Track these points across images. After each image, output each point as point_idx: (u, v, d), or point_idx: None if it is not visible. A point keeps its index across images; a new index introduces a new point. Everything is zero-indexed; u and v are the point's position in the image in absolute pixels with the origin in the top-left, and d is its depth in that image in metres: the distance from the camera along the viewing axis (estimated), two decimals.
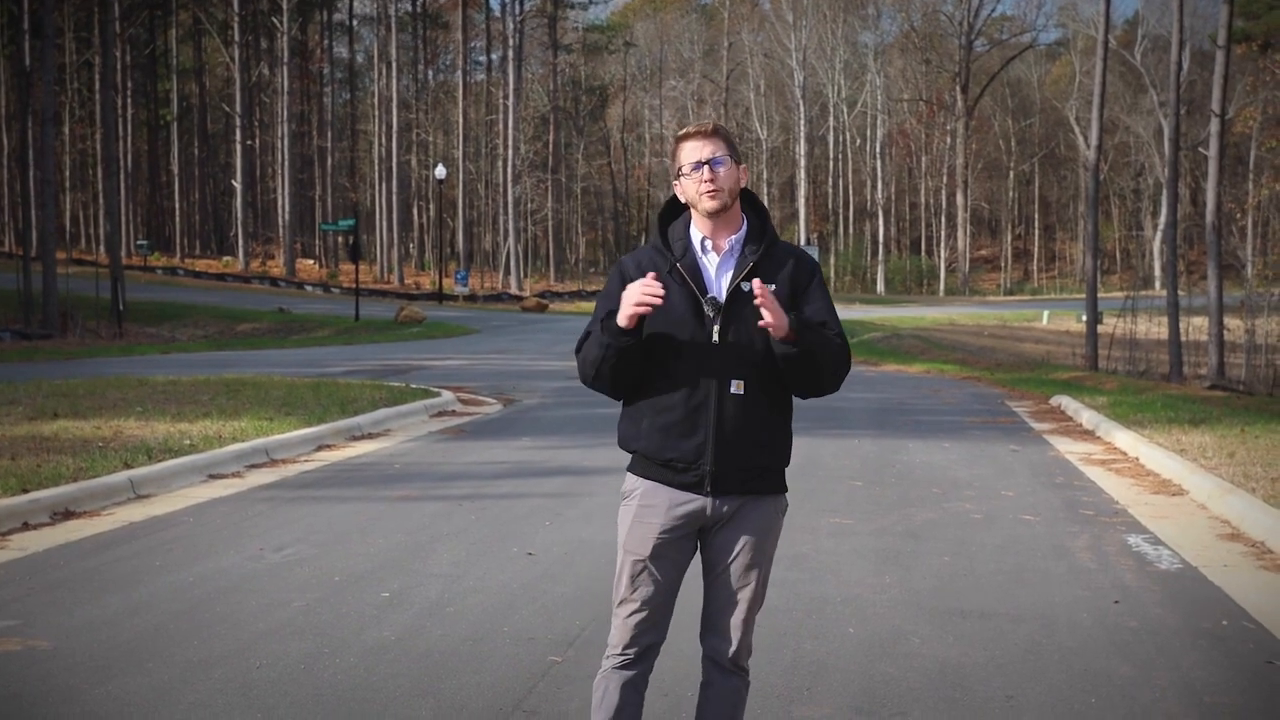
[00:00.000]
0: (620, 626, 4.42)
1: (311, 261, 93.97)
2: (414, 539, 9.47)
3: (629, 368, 4.27)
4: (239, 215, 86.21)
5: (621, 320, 4.17)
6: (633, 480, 4.44)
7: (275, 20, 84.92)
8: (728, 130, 4.37)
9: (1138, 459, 14.02)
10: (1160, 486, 12.21)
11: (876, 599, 7.76)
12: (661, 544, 4.35)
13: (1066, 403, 20.12)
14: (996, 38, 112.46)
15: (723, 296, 4.28)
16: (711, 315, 4.24)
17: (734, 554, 4.38)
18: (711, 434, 4.25)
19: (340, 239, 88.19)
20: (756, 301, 4.11)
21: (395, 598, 7.72)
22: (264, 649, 6.66)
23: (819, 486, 12.12)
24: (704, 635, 4.49)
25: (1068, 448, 15.30)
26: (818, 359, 4.23)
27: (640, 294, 4.11)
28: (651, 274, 4.19)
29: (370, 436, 16.07)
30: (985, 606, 7.59)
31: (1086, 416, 17.98)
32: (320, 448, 14.80)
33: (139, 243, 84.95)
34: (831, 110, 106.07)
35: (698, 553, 4.46)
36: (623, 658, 4.41)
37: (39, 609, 7.45)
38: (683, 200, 4.42)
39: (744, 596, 4.40)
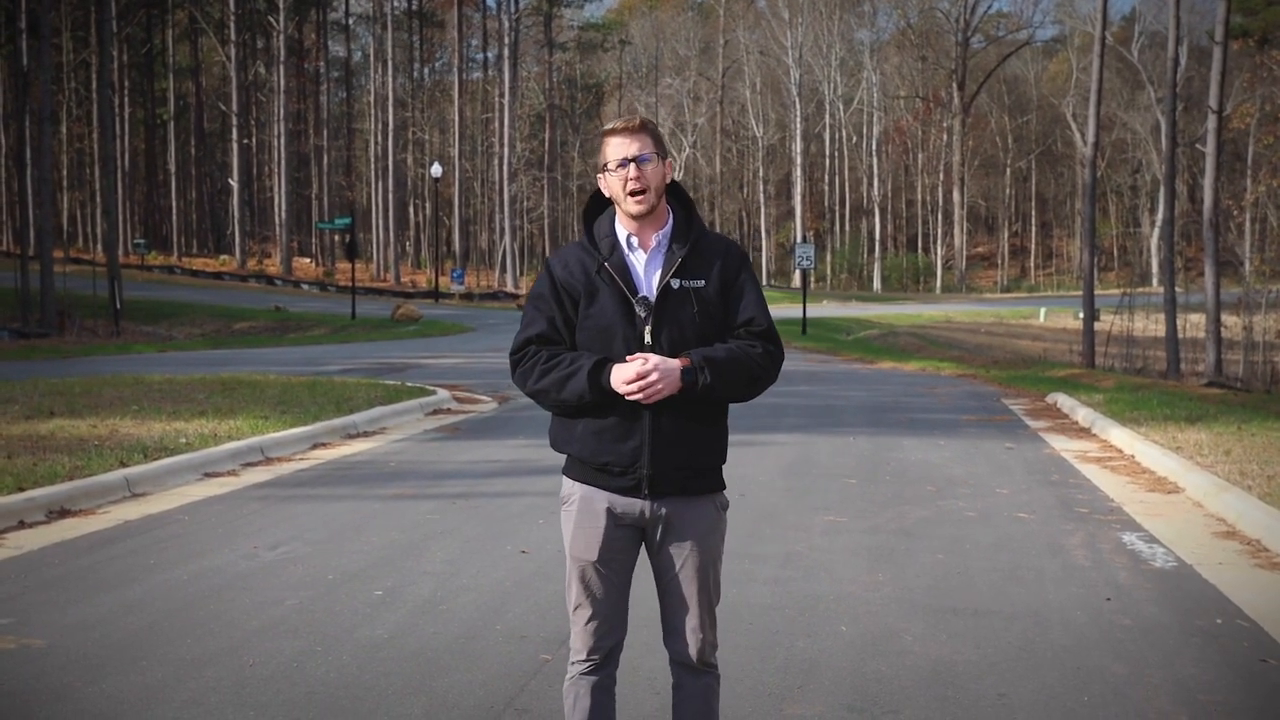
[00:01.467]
0: (579, 633, 4.39)
1: (308, 260, 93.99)
2: (408, 537, 9.47)
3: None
4: (235, 214, 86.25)
5: (612, 385, 4.13)
6: (569, 485, 4.40)
7: (271, 19, 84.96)
8: (655, 126, 4.30)
9: (1134, 456, 14.02)
10: (1156, 484, 12.21)
11: (869, 597, 7.76)
12: (606, 547, 4.31)
13: (1062, 400, 20.12)
14: (993, 34, 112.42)
15: (653, 295, 4.23)
16: (643, 316, 4.19)
17: (682, 559, 4.33)
18: (648, 437, 4.19)
19: (336, 237, 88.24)
20: (632, 389, 4.08)
21: (388, 596, 7.72)
22: (257, 647, 6.66)
23: (813, 484, 12.13)
24: (666, 640, 4.45)
25: (1063, 445, 15.29)
26: (720, 394, 4.19)
27: (643, 391, 4.09)
28: (655, 374, 4.11)
29: (365, 435, 16.07)
30: (978, 604, 7.59)
31: (1082, 414, 17.98)
32: (315, 446, 14.81)
33: (136, 241, 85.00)
34: (827, 107, 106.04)
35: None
36: (588, 663, 4.39)
37: (33, 607, 7.44)
38: (607, 195, 4.35)
39: (698, 598, 4.35)
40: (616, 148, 4.25)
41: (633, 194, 4.22)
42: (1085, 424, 17.34)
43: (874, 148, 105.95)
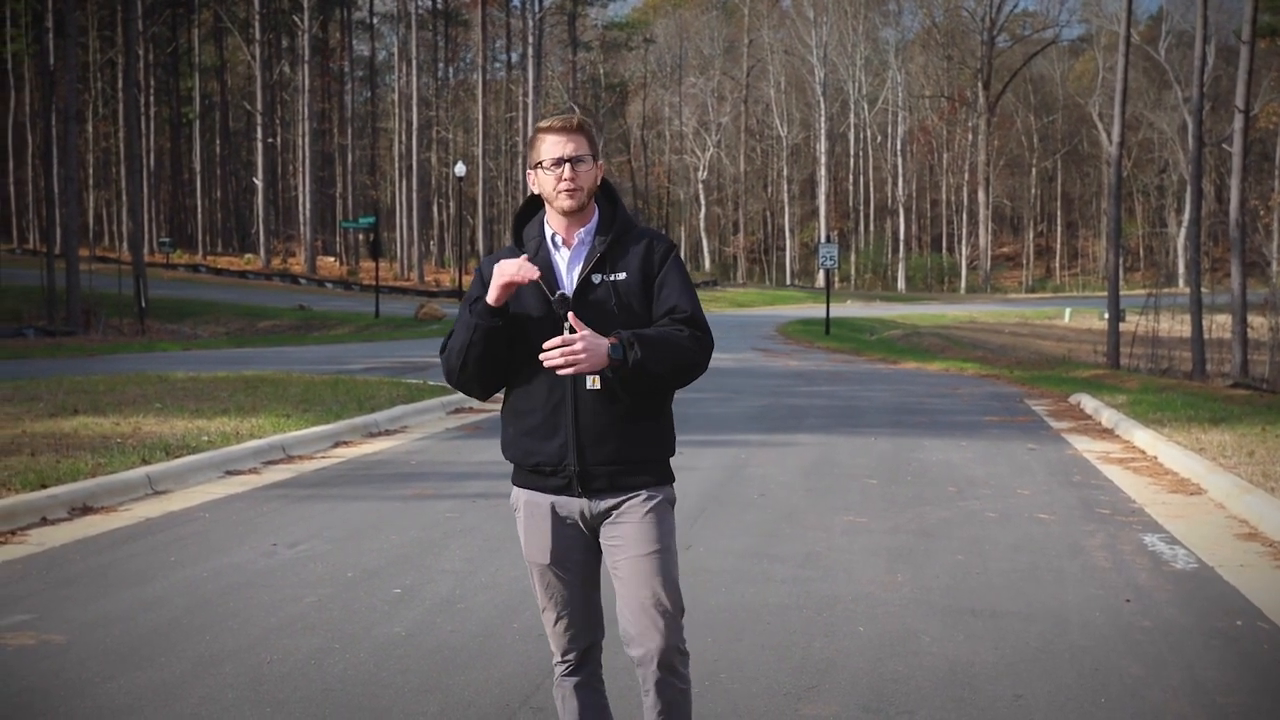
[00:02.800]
0: (551, 634, 4.37)
1: (332, 259, 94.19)
2: (427, 536, 9.48)
3: (495, 355, 4.16)
4: (260, 213, 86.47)
5: (491, 297, 4.08)
6: (515, 491, 4.37)
7: (296, 18, 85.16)
8: (591, 126, 4.24)
9: (1156, 457, 13.96)
10: (1178, 485, 12.15)
11: (888, 597, 7.74)
12: (558, 549, 4.26)
13: (1086, 401, 20.05)
14: (1019, 34, 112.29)
15: (572, 291, 4.18)
16: (561, 312, 4.10)
17: (624, 558, 4.21)
18: (571, 434, 4.14)
19: (360, 236, 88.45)
20: (543, 359, 4.02)
21: (406, 594, 7.74)
22: (275, 644, 6.68)
23: (834, 485, 12.11)
24: (626, 647, 4.28)
25: (1086, 446, 15.24)
26: (652, 372, 4.07)
27: (516, 269, 4.04)
28: (524, 255, 4.15)
29: (387, 433, 16.10)
30: (997, 605, 7.57)
31: (1106, 415, 17.91)
32: (337, 444, 14.85)
33: (161, 240, 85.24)
34: (852, 107, 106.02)
35: None
36: (565, 664, 4.37)
37: (53, 604, 7.48)
38: (537, 192, 4.30)
39: (646, 598, 4.18)
40: (552, 146, 4.19)
41: (564, 192, 4.18)
42: (1108, 425, 17.28)
43: (899, 147, 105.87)
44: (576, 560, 4.29)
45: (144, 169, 79.76)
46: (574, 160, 4.17)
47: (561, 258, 4.25)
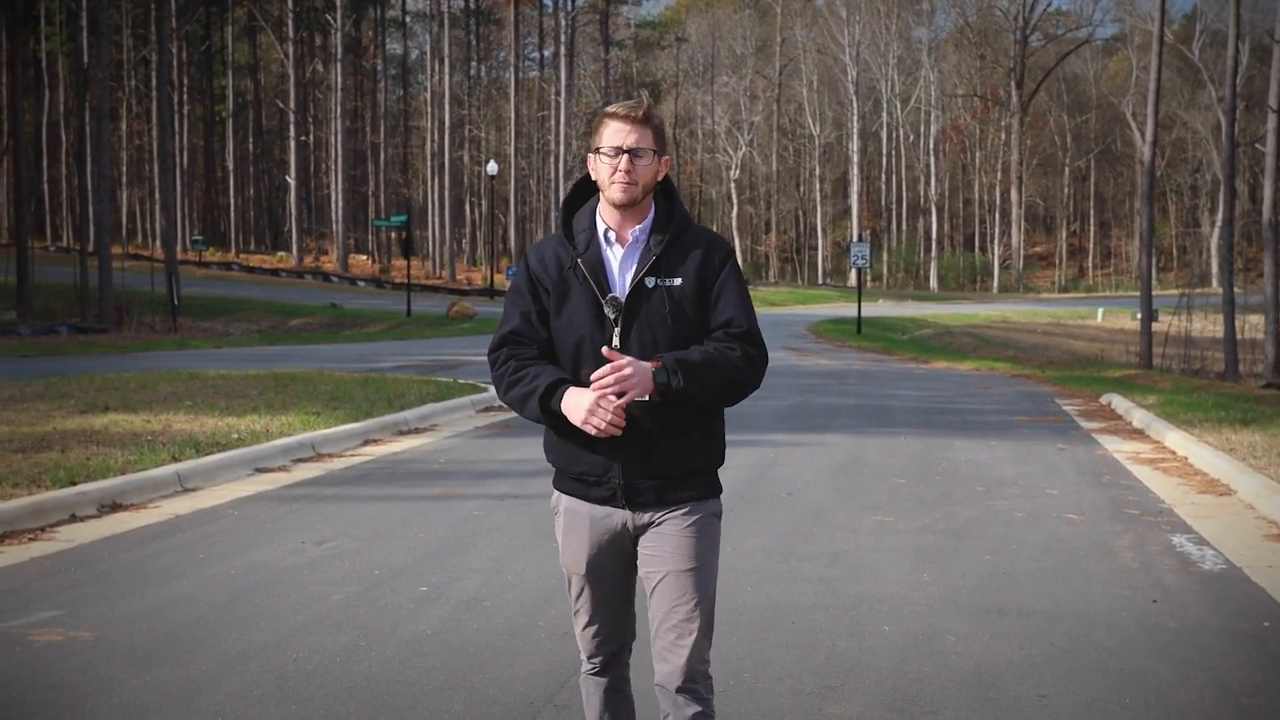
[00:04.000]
0: (580, 636, 4.27)
1: (364, 257, 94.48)
2: (454, 534, 9.51)
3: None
4: (293, 211, 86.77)
5: (567, 415, 3.92)
6: (557, 495, 4.24)
7: (329, 17, 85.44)
8: (660, 118, 4.03)
9: (1186, 458, 13.89)
10: (1208, 486, 12.10)
11: (914, 597, 7.73)
12: (595, 560, 4.13)
13: (1117, 401, 19.96)
14: (1052, 33, 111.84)
15: (624, 295, 4.00)
16: (612, 316, 3.97)
17: (665, 569, 4.07)
18: (616, 445, 3.96)
19: (393, 235, 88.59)
20: (594, 388, 3.86)
21: (433, 592, 7.75)
22: (301, 641, 6.71)
23: (862, 484, 12.09)
24: (653, 660, 4.15)
25: (1116, 447, 15.17)
26: (698, 400, 3.95)
27: (602, 423, 3.85)
28: (617, 407, 3.88)
29: (416, 432, 16.14)
30: (1024, 605, 7.55)
31: (1137, 415, 17.83)
32: (366, 443, 14.89)
33: (194, 238, 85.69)
34: (885, 106, 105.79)
35: None
36: (592, 665, 4.28)
37: (82, 600, 7.52)
38: (594, 178, 4.11)
39: (681, 616, 4.06)
40: (614, 133, 4.00)
41: (619, 184, 3.99)
42: (1139, 425, 17.20)
43: (931, 146, 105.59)
44: (612, 571, 4.17)
45: (177, 167, 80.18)
46: (634, 152, 3.99)
47: (614, 255, 4.07)
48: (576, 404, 3.89)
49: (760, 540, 9.30)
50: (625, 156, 3.98)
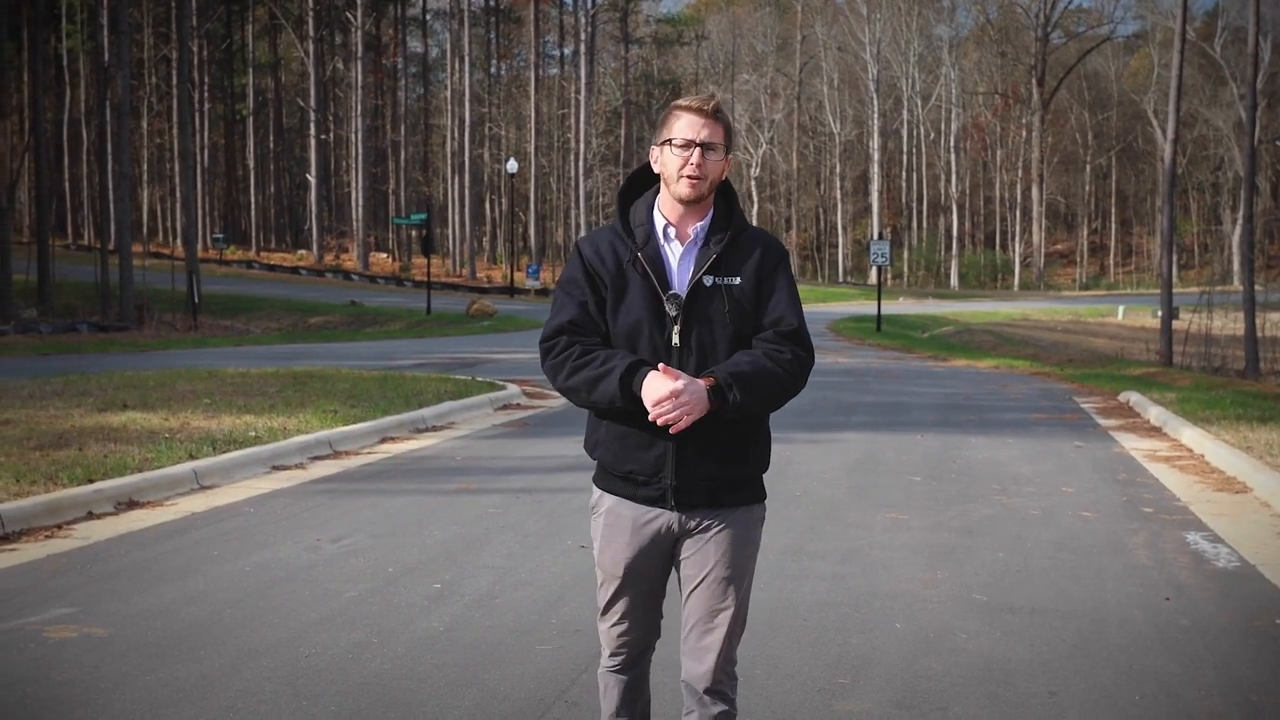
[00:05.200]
0: (605, 634, 4.25)
1: (384, 255, 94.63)
2: (469, 531, 9.53)
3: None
4: (313, 209, 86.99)
5: (643, 400, 3.87)
6: (597, 493, 4.21)
7: (350, 15, 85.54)
8: (729, 116, 4.04)
9: (1203, 456, 13.86)
10: (1224, 484, 12.08)
11: (927, 594, 7.73)
12: (633, 563, 4.10)
13: (1135, 399, 19.92)
14: (1073, 30, 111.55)
15: (684, 292, 3.98)
16: (673, 314, 3.95)
17: (706, 572, 4.06)
18: (671, 446, 3.95)
19: (413, 233, 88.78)
20: (654, 416, 3.84)
21: (446, 589, 7.78)
22: (314, 638, 6.74)
23: (878, 481, 12.10)
24: (682, 657, 4.17)
25: (1133, 444, 15.15)
26: (752, 410, 3.95)
27: (671, 415, 3.82)
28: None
29: (434, 429, 16.17)
30: (1036, 602, 7.55)
31: (1154, 413, 17.79)
32: (383, 440, 14.92)
33: (215, 236, 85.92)
34: (905, 104, 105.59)
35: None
36: (613, 662, 4.26)
37: (97, 597, 7.56)
38: (657, 170, 4.09)
39: (719, 617, 4.07)
40: (686, 126, 3.97)
41: (688, 179, 3.96)
42: (1156, 423, 17.17)
43: (952, 144, 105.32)
44: (650, 575, 4.15)
45: (198, 165, 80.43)
46: (706, 146, 3.96)
47: (673, 252, 4.05)
48: (656, 390, 3.85)
49: (774, 538, 9.28)
50: (697, 150, 3.96)
